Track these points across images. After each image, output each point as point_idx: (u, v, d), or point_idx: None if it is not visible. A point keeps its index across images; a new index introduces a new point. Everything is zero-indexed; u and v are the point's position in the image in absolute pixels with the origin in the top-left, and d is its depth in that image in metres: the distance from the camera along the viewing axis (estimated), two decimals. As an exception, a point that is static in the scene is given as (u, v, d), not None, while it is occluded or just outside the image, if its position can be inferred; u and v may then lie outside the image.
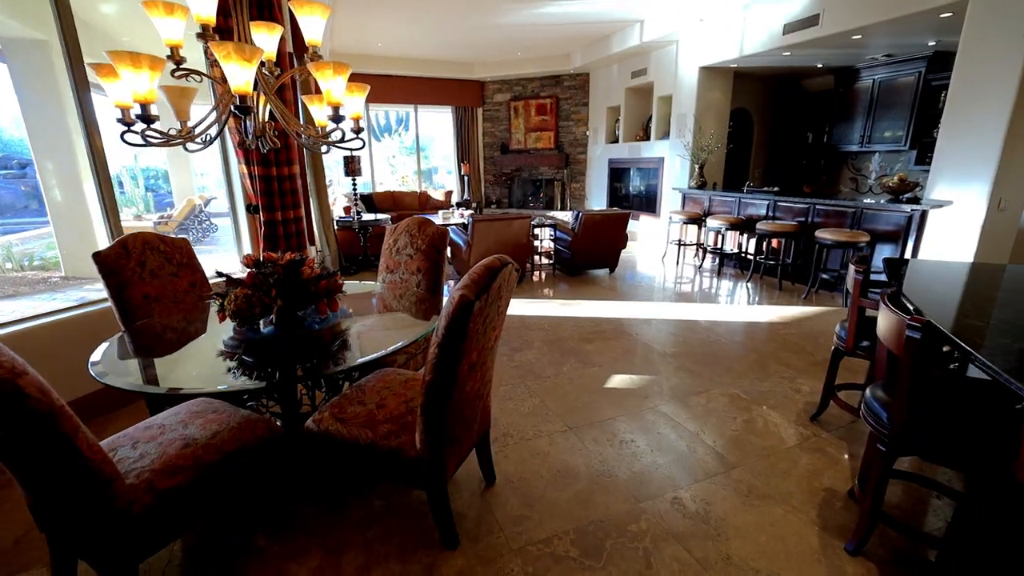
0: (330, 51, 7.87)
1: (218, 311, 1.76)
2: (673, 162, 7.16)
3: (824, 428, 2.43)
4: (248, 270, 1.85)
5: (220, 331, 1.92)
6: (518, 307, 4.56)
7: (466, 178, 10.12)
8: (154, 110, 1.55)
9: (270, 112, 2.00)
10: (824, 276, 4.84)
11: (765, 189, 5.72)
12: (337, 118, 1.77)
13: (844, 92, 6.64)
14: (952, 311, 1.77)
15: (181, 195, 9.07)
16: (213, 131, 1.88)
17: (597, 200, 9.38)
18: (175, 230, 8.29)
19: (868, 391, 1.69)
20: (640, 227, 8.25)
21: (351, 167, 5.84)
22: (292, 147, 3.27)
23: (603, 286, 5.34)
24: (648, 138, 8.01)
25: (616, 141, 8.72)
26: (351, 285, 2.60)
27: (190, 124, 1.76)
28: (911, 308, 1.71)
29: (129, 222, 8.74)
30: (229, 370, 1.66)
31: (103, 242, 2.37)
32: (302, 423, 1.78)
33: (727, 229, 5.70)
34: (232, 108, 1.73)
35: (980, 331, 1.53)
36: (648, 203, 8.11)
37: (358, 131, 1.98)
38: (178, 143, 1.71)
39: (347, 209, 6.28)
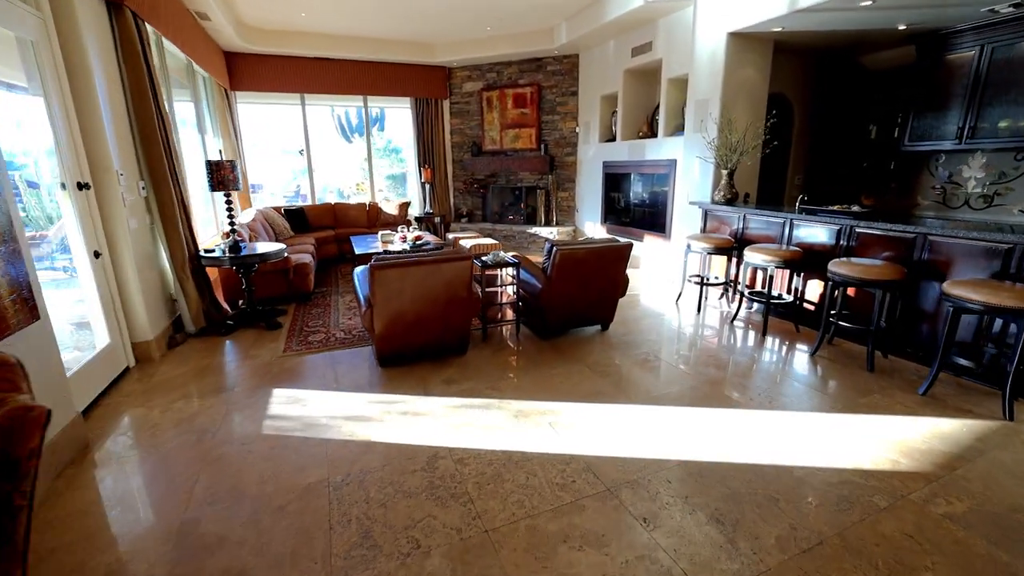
0: (235, 21, 5.98)
1: None
2: (690, 166, 5.25)
3: None
4: None
5: None
6: (433, 420, 2.65)
7: (427, 186, 8.22)
8: None
9: None
10: (957, 359, 2.91)
11: (837, 208, 3.78)
12: None
13: (930, 68, 4.72)
14: None
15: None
16: None
17: (590, 213, 7.47)
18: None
19: None
20: (644, 250, 6.34)
21: (219, 175, 3.94)
22: None
23: (589, 363, 3.42)
24: (655, 134, 6.11)
25: (613, 139, 6.81)
26: None
27: None
28: None
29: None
30: None
31: None
32: None
33: (778, 267, 3.78)
34: None
35: None
36: (654, 219, 6.20)
37: None
38: None
39: (227, 235, 4.41)
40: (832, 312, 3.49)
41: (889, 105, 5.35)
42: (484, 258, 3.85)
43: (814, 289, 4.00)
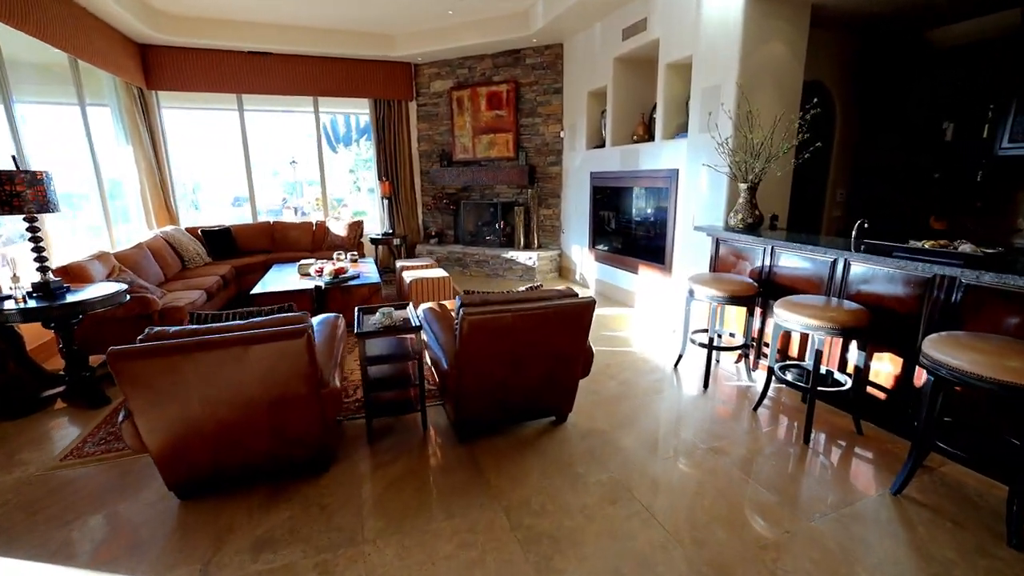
0: (135, 2, 4.87)
1: None
2: (695, 176, 3.89)
3: None
4: None
5: None
6: None
7: (385, 202, 7.00)
8: None
9: None
10: None
11: (929, 247, 2.34)
12: None
13: (1040, 37, 3.30)
14: None
15: None
16: None
17: (577, 235, 6.14)
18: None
19: None
20: (640, 285, 4.97)
21: (2, 193, 2.73)
22: None
23: (514, 503, 2.05)
24: (651, 137, 4.77)
25: (603, 145, 5.50)
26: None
27: None
28: None
29: None
30: None
31: None
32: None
33: (830, 334, 2.39)
34: None
35: None
36: (652, 246, 4.82)
37: None
38: None
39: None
40: (929, 414, 2.06)
41: (974, 94, 3.92)
42: (371, 320, 2.54)
43: (886, 367, 2.58)
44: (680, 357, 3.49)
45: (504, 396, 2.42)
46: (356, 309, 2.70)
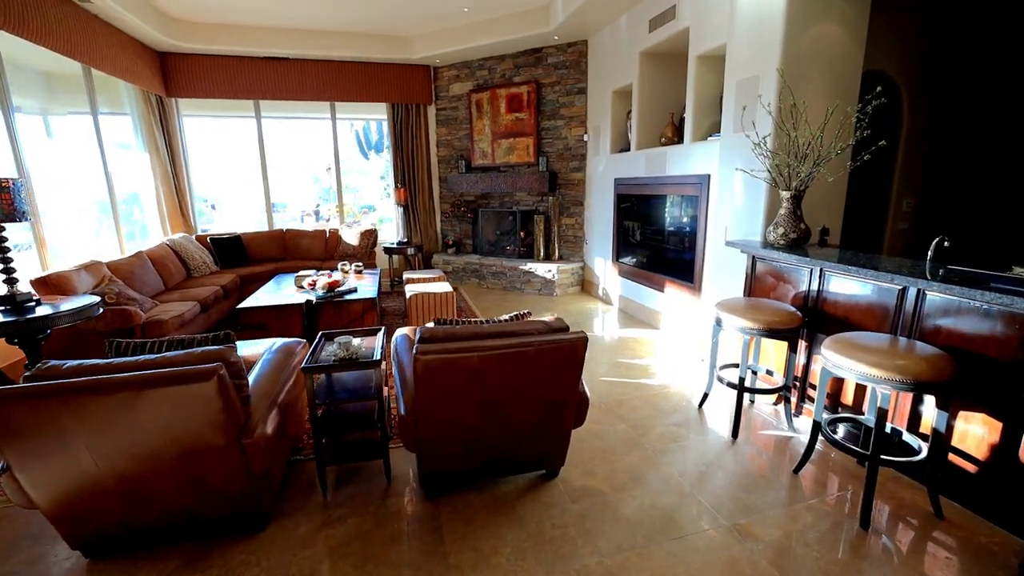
0: (145, 7, 4.82)
1: None
2: (728, 182, 3.35)
3: None
4: None
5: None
6: None
7: (401, 209, 6.74)
8: None
9: None
10: None
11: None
12: None
13: None
14: None
15: None
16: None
17: (600, 246, 5.64)
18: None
19: None
20: (665, 305, 4.42)
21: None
22: None
23: (474, 592, 1.64)
24: (680, 139, 4.24)
25: (628, 148, 5.00)
26: None
27: None
28: None
29: None
30: None
31: None
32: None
33: (898, 388, 1.82)
34: None
35: None
36: (680, 261, 4.26)
37: None
38: None
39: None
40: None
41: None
42: (329, 349, 2.18)
43: (976, 430, 1.98)
44: (706, 396, 2.94)
45: (478, 446, 2.00)
46: (319, 334, 2.35)
